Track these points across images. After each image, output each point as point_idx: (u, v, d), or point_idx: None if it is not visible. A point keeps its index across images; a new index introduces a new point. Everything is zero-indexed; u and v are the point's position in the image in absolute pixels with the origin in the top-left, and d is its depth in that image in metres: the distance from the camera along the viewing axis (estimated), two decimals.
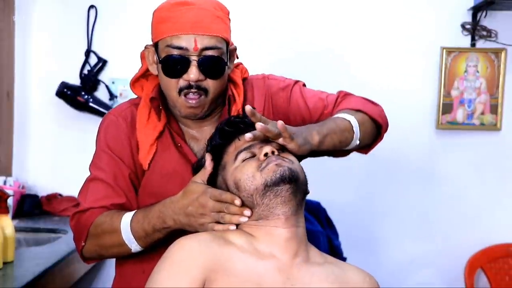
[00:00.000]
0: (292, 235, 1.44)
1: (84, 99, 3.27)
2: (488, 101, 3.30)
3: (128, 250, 1.62)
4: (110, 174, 1.70)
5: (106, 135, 1.74)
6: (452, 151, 3.36)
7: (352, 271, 1.50)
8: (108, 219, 1.63)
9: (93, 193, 1.69)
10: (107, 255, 1.70)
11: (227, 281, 1.34)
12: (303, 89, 1.82)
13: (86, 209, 1.67)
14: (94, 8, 3.32)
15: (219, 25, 1.62)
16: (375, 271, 1.92)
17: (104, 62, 3.33)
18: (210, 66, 1.60)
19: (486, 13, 3.25)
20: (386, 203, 3.38)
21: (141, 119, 1.72)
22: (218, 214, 1.46)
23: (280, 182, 1.41)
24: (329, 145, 1.61)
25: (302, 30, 3.32)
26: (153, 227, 1.55)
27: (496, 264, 3.31)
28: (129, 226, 1.59)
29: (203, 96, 1.63)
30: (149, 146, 1.70)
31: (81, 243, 1.67)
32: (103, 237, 1.63)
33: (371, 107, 1.78)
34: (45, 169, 3.38)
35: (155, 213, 1.56)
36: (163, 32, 1.61)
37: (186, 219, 1.50)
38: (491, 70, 3.30)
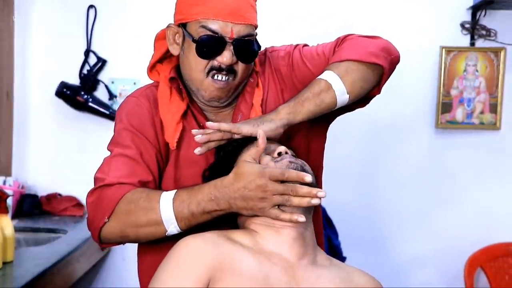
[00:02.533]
0: (299, 236, 1.43)
1: (84, 99, 3.27)
2: (487, 100, 3.31)
3: (162, 232, 1.51)
4: (135, 150, 1.61)
5: (128, 114, 1.67)
6: (451, 150, 3.36)
7: (357, 274, 1.50)
8: (145, 195, 1.52)
9: (117, 168, 1.59)
10: (133, 237, 1.56)
11: (232, 280, 1.34)
12: (303, 51, 1.76)
13: (112, 183, 1.55)
14: (94, 8, 3.32)
15: (252, 14, 1.62)
16: (375, 270, 1.92)
17: (103, 62, 3.33)
18: (244, 50, 1.59)
19: (485, 13, 3.25)
20: (386, 202, 3.38)
21: (163, 99, 1.66)
22: (282, 197, 1.39)
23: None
24: (304, 114, 1.59)
25: (301, 29, 3.32)
26: (203, 209, 1.46)
27: (496, 263, 3.31)
28: (171, 205, 1.48)
29: (231, 78, 1.61)
30: (175, 124, 1.63)
31: (104, 219, 1.54)
32: (136, 214, 1.50)
33: (360, 50, 1.67)
34: (45, 169, 3.38)
35: (205, 196, 1.46)
36: (197, 14, 1.58)
37: (244, 203, 1.42)
38: (491, 69, 3.30)
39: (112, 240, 1.60)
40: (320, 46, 1.78)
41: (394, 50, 1.76)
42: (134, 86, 3.32)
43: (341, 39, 1.76)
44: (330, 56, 1.72)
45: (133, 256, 3.75)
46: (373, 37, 1.75)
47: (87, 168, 3.38)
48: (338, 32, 3.29)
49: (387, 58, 1.71)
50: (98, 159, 3.83)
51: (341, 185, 3.33)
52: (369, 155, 3.33)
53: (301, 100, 1.60)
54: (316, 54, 1.75)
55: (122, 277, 3.37)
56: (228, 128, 1.53)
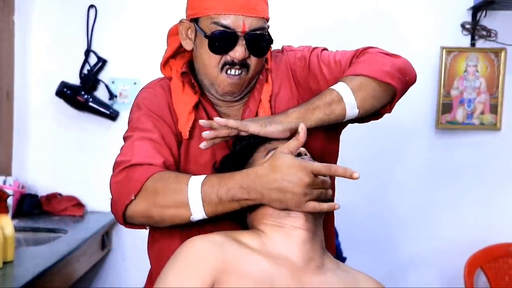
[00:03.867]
0: (309, 239, 1.43)
1: (84, 99, 3.27)
2: (488, 101, 3.31)
3: (187, 215, 1.48)
4: (158, 133, 1.61)
5: (146, 102, 1.68)
6: (451, 150, 3.36)
7: (364, 279, 1.50)
8: (173, 176, 1.51)
9: (141, 150, 1.57)
10: (157, 218, 1.52)
11: (237, 282, 1.33)
12: (322, 57, 1.76)
13: (138, 164, 1.54)
14: (94, 7, 3.32)
15: (263, 6, 1.63)
16: (375, 270, 1.92)
17: (103, 62, 3.33)
18: (256, 44, 1.60)
19: (486, 13, 3.25)
20: (386, 202, 3.38)
21: (176, 91, 1.68)
22: (321, 191, 1.40)
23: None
24: (313, 121, 1.59)
25: (300, 29, 3.32)
26: (232, 196, 1.43)
27: (496, 263, 3.31)
28: (200, 188, 1.46)
29: (244, 73, 1.63)
30: (187, 114, 1.65)
31: (131, 196, 1.51)
32: (164, 194, 1.48)
33: (377, 67, 1.66)
34: (45, 168, 3.38)
35: (236, 183, 1.43)
36: (208, 9, 1.59)
37: (280, 194, 1.39)
38: (491, 70, 3.30)
39: (136, 220, 1.56)
40: (338, 53, 1.78)
41: (411, 71, 1.75)
42: (134, 86, 3.32)
43: (360, 50, 1.75)
44: (346, 67, 1.72)
45: (133, 256, 3.76)
46: (393, 55, 1.74)
47: (87, 168, 3.40)
48: (336, 33, 3.31)
49: (401, 80, 1.71)
50: (98, 159, 3.84)
51: (341, 185, 3.31)
52: (369, 155, 3.33)
53: (312, 108, 1.59)
54: (333, 62, 1.74)
55: (122, 277, 3.37)
56: (235, 125, 1.53)
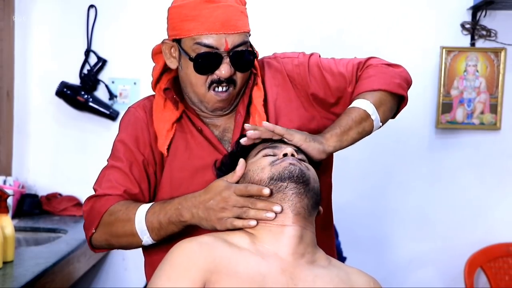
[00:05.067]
0: (297, 236, 1.43)
1: (84, 99, 3.27)
2: (487, 101, 3.31)
3: (138, 242, 1.60)
4: (126, 163, 1.69)
5: (124, 126, 1.76)
6: (451, 150, 3.36)
7: (357, 275, 1.49)
8: (124, 208, 1.61)
9: (108, 180, 1.68)
10: (116, 245, 1.68)
11: (228, 282, 1.34)
12: (322, 65, 1.80)
13: (102, 195, 1.66)
14: (94, 7, 3.32)
15: (244, 21, 1.64)
16: (375, 270, 1.92)
17: (104, 62, 3.33)
18: (241, 60, 1.63)
19: (485, 13, 3.25)
20: (386, 202, 3.38)
21: (157, 108, 1.72)
22: (241, 209, 1.45)
23: (286, 179, 1.43)
24: (349, 142, 1.66)
25: (299, 29, 3.32)
26: (169, 219, 1.54)
27: (496, 263, 3.31)
28: (144, 217, 1.57)
29: (232, 88, 1.66)
30: (166, 132, 1.70)
31: (92, 230, 1.65)
32: (116, 225, 1.61)
33: (389, 80, 1.75)
34: (45, 168, 3.38)
35: (173, 206, 1.54)
36: (189, 30, 1.61)
37: (206, 213, 1.48)
38: (491, 69, 3.30)
39: (101, 247, 1.72)
40: (339, 63, 1.82)
41: (410, 78, 1.83)
42: (134, 86, 3.33)
43: (363, 63, 1.81)
44: (352, 79, 1.77)
45: (133, 256, 3.77)
46: (395, 66, 1.82)
47: (87, 168, 3.40)
48: (336, 34, 3.31)
49: (407, 88, 1.81)
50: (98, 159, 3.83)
51: (342, 185, 3.31)
52: (369, 155, 3.33)
53: (346, 129, 1.65)
54: (336, 71, 1.79)
55: (122, 277, 3.38)
56: (282, 133, 1.56)
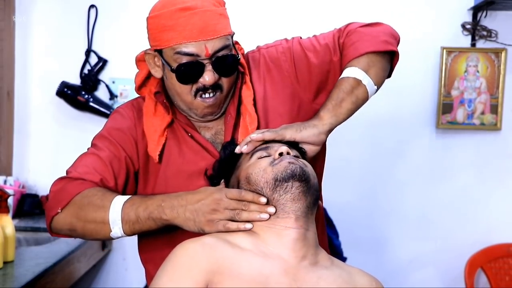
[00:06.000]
0: (301, 237, 1.43)
1: (85, 99, 3.27)
2: (488, 101, 3.31)
3: (106, 232, 1.54)
4: (107, 153, 1.65)
5: (110, 122, 1.73)
6: (452, 151, 3.36)
7: (359, 275, 1.49)
8: (100, 194, 1.56)
9: (84, 165, 1.64)
10: (80, 231, 1.59)
11: (231, 283, 1.33)
12: (304, 44, 1.76)
13: (76, 178, 1.61)
14: (95, 7, 3.32)
15: (223, 23, 1.59)
16: (375, 271, 1.92)
17: (104, 62, 3.33)
18: (224, 66, 1.60)
19: (486, 13, 3.25)
20: (386, 202, 3.38)
21: (147, 111, 1.69)
22: (233, 211, 1.43)
23: (289, 178, 1.42)
24: (345, 114, 1.63)
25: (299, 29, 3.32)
26: (149, 214, 1.49)
27: (496, 264, 3.31)
28: (121, 207, 1.52)
29: (218, 92, 1.62)
30: (157, 138, 1.66)
31: (57, 209, 1.58)
32: (87, 209, 1.55)
33: (373, 40, 1.71)
34: (45, 168, 3.38)
35: (155, 201, 1.50)
36: (168, 40, 1.57)
37: (194, 214, 1.45)
38: (491, 70, 3.30)
39: (61, 231, 1.63)
40: (320, 37, 1.77)
41: (396, 32, 1.81)
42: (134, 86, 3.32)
43: (342, 30, 1.76)
44: (336, 49, 1.73)
45: (133, 256, 3.76)
46: (376, 24, 1.78)
47: None
48: None
49: (395, 42, 1.79)
50: None
51: (342, 186, 3.33)
52: (370, 155, 3.33)
53: (338, 102, 1.62)
54: (318, 46, 1.74)
55: (123, 277, 3.38)
56: (272, 137, 1.55)
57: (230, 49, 1.61)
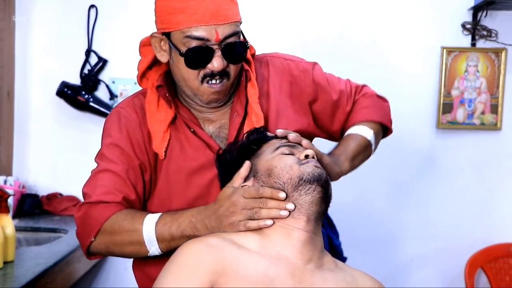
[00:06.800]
0: (309, 240, 1.43)
1: (85, 99, 3.27)
2: (488, 101, 3.30)
3: (144, 252, 1.56)
4: (121, 167, 1.63)
5: (115, 127, 1.68)
6: (452, 150, 3.36)
7: (363, 278, 1.50)
8: (129, 218, 1.56)
9: (103, 185, 1.62)
10: (118, 253, 1.62)
11: (236, 284, 1.33)
12: (326, 76, 1.85)
13: (97, 202, 1.60)
14: (95, 7, 3.32)
15: (234, 9, 1.59)
16: (375, 271, 1.92)
17: (104, 62, 3.33)
18: (233, 52, 1.59)
19: (486, 13, 3.25)
20: (386, 202, 3.38)
21: (150, 108, 1.67)
22: (251, 210, 1.43)
23: (314, 181, 1.42)
24: (355, 167, 1.78)
25: (299, 30, 3.32)
26: (182, 232, 1.51)
27: (497, 264, 3.31)
28: (154, 227, 1.53)
29: (225, 79, 1.61)
30: (162, 134, 1.64)
31: (91, 238, 1.59)
32: (121, 235, 1.56)
33: (383, 112, 1.89)
34: (46, 168, 3.38)
35: (186, 218, 1.51)
36: (178, 23, 1.55)
37: (217, 221, 1.46)
38: (492, 70, 3.30)
39: (99, 254, 1.68)
40: (338, 80, 1.89)
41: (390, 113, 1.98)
42: (135, 86, 3.32)
43: (360, 88, 1.91)
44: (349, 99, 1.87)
45: None
46: (384, 100, 1.94)
47: (87, 168, 3.36)
48: (339, 33, 3.31)
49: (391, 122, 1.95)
50: None
51: (342, 186, 3.30)
52: None
53: (355, 154, 1.77)
54: (338, 88, 1.87)
55: (123, 277, 3.37)
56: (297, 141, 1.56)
57: (239, 36, 1.60)
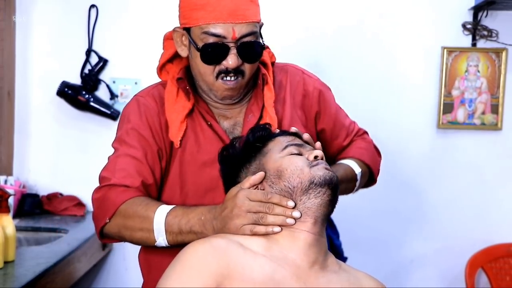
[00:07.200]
0: (315, 242, 1.42)
1: (85, 99, 3.27)
2: (489, 101, 3.30)
3: (152, 241, 1.57)
4: (140, 151, 1.66)
5: (134, 113, 1.72)
6: (452, 150, 3.36)
7: (366, 279, 1.50)
8: (144, 204, 1.58)
9: (122, 169, 1.64)
10: (127, 238, 1.63)
11: (241, 287, 1.32)
12: (337, 108, 1.91)
13: (116, 185, 1.62)
14: (95, 7, 3.32)
15: (253, 10, 1.63)
16: (376, 271, 1.92)
17: (105, 62, 3.33)
18: (249, 52, 1.63)
19: (487, 13, 3.25)
20: (387, 202, 3.38)
21: (169, 98, 1.71)
22: (256, 215, 1.41)
23: (325, 185, 1.40)
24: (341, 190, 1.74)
25: (300, 30, 3.32)
26: (191, 228, 1.51)
27: (497, 264, 3.31)
28: (165, 217, 1.54)
29: (240, 78, 1.65)
30: (179, 123, 1.69)
31: (106, 219, 1.61)
32: (133, 220, 1.57)
33: (375, 160, 1.94)
34: (46, 168, 3.38)
35: (196, 215, 1.51)
36: (198, 19, 1.60)
37: (222, 223, 1.45)
38: (492, 69, 3.29)
39: (112, 238, 1.67)
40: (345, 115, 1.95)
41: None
42: (135, 86, 3.32)
43: (362, 132, 1.98)
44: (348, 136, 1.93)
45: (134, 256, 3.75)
46: (378, 152, 2.02)
47: (88, 168, 3.40)
48: (339, 34, 3.30)
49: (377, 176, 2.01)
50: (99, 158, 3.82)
51: None
52: None
53: (343, 181, 1.76)
54: (342, 121, 1.93)
55: (123, 276, 3.38)
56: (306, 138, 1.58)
57: (256, 36, 1.64)
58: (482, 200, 3.36)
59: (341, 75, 3.28)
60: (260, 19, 1.67)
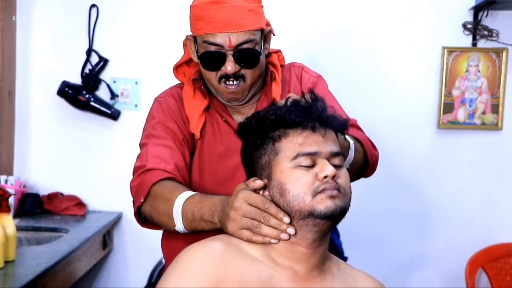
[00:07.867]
0: (314, 254, 1.41)
1: (85, 98, 3.27)
2: (489, 101, 3.30)
3: (172, 225, 1.60)
4: (169, 140, 1.77)
5: (157, 111, 1.84)
6: (453, 150, 3.36)
7: (363, 279, 1.49)
8: (171, 188, 1.64)
9: (155, 156, 1.73)
10: (156, 221, 1.67)
11: None
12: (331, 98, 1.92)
13: (151, 169, 1.70)
14: (96, 7, 3.32)
15: (251, 19, 1.73)
16: (376, 270, 1.92)
17: (105, 61, 3.33)
18: (245, 58, 1.74)
19: (487, 13, 3.25)
20: (387, 202, 3.38)
21: (187, 96, 1.84)
22: (252, 221, 1.39)
23: (325, 218, 1.35)
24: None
25: (301, 30, 3.32)
26: (202, 216, 1.52)
27: (497, 263, 3.31)
28: (183, 203, 1.57)
29: (242, 81, 1.77)
30: (198, 117, 1.81)
31: (140, 199, 1.68)
32: (160, 201, 1.62)
33: (370, 147, 1.95)
34: (46, 168, 3.38)
35: (208, 204, 1.52)
36: (199, 29, 1.74)
37: (223, 219, 1.45)
38: (492, 69, 3.30)
39: (147, 221, 1.72)
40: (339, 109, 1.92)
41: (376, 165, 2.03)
42: (135, 86, 3.33)
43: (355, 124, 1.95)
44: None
45: (135, 255, 3.76)
46: (375, 147, 2.01)
47: (88, 168, 3.41)
48: (339, 33, 3.30)
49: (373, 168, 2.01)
50: (99, 158, 3.83)
51: None
52: None
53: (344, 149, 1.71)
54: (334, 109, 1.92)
55: (123, 276, 3.38)
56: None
57: (254, 43, 1.74)
58: (482, 200, 3.36)
59: (341, 76, 3.28)
60: (262, 26, 1.76)
